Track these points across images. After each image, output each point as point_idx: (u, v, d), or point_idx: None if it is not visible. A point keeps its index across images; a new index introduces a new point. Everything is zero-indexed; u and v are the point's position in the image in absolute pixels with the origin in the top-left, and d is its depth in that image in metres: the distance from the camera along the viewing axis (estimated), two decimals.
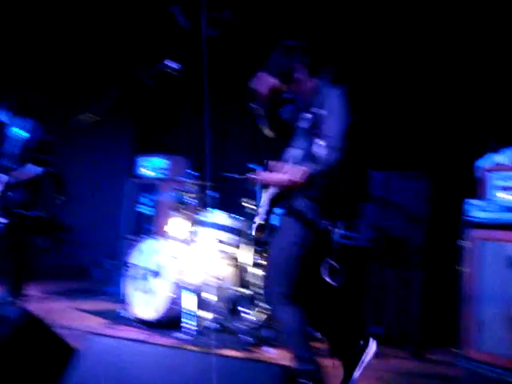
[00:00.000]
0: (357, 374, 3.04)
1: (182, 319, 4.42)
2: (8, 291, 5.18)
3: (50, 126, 5.17)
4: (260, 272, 4.67)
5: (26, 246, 5.39)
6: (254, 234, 3.11)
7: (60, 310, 4.54)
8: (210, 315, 4.52)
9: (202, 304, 4.52)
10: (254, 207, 4.58)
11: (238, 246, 4.61)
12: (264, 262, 4.69)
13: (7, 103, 5.17)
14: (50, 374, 1.84)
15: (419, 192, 4.80)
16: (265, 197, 3.10)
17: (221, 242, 4.63)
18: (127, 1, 7.23)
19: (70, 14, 7.29)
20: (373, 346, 3.17)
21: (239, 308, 4.52)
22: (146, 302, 4.64)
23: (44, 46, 7.23)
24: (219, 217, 4.70)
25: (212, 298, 4.55)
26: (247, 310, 4.46)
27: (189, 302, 4.46)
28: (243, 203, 4.72)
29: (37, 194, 5.34)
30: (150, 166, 6.59)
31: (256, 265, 4.65)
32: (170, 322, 4.60)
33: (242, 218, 4.71)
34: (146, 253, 4.80)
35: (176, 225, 5.01)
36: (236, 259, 4.63)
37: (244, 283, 4.62)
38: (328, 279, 3.96)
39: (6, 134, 5.32)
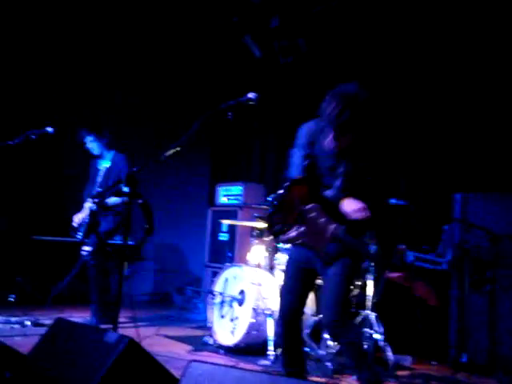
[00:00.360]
0: None
1: (268, 346, 4.44)
2: (96, 318, 5.40)
3: (136, 157, 5.44)
4: None
5: (110, 274, 5.62)
6: None
7: (146, 336, 4.66)
8: None
9: None
10: None
11: None
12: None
13: (98, 136, 5.48)
14: None
15: (506, 213, 4.65)
16: None
17: None
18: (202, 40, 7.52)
19: (157, 52, 7.67)
20: None
21: (320, 334, 4.50)
22: (230, 328, 4.71)
23: (131, 83, 7.62)
24: None
25: None
26: (328, 336, 4.44)
27: (273, 329, 4.49)
28: None
29: (122, 223, 5.58)
30: (229, 194, 6.73)
31: None
32: (254, 348, 4.64)
33: None
34: (230, 280, 4.89)
35: (257, 252, 5.09)
36: (317, 285, 4.63)
37: None
38: None
39: (95, 166, 5.64)
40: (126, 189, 3.22)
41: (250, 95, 3.39)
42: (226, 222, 5.47)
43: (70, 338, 2.29)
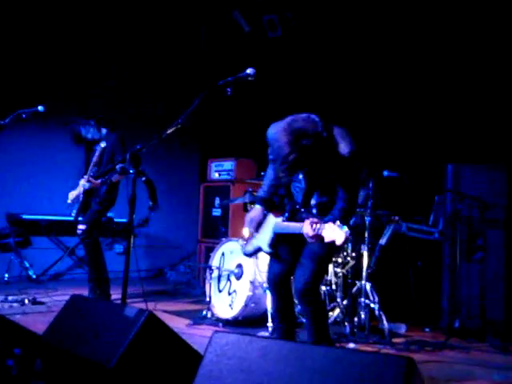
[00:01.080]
0: None
1: (269, 318, 4.53)
2: (93, 295, 5.44)
3: (134, 136, 5.44)
4: (338, 269, 4.76)
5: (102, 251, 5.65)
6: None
7: None
8: None
9: None
10: None
11: None
12: (340, 260, 4.78)
13: (94, 117, 5.47)
14: (175, 375, 1.99)
15: (495, 183, 4.76)
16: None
17: None
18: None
19: (146, 30, 7.64)
20: None
21: None
22: (228, 302, 4.79)
23: (125, 62, 7.61)
24: None
25: None
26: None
27: (270, 302, 4.57)
28: None
29: (113, 200, 5.60)
30: (221, 170, 6.77)
31: (334, 263, 4.74)
32: (252, 320, 4.74)
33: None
34: (227, 254, 4.95)
35: None
36: None
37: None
38: None
39: (93, 146, 5.63)
40: (124, 165, 3.26)
41: (249, 71, 3.40)
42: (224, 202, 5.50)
43: (88, 313, 2.33)
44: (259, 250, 3.56)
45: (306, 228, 3.00)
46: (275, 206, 3.51)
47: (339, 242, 2.85)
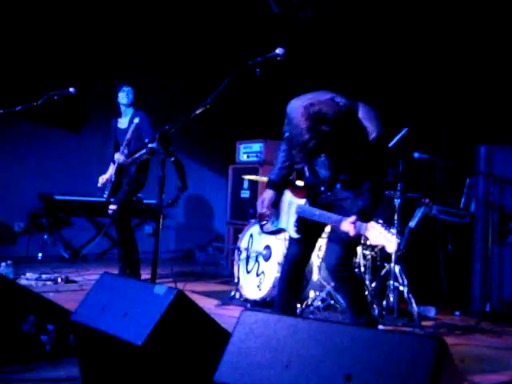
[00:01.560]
0: None
1: None
2: (123, 275, 5.50)
3: (161, 116, 5.47)
4: (367, 252, 4.73)
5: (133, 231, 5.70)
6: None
7: None
8: (316, 294, 4.64)
9: (312, 284, 4.64)
10: None
11: None
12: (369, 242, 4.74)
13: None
14: (204, 353, 2.01)
15: None
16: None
17: None
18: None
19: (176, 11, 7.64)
20: None
21: None
22: (256, 283, 4.81)
23: (153, 43, 7.65)
24: None
25: (317, 277, 4.65)
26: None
27: None
28: None
29: (144, 181, 5.62)
30: (249, 152, 6.76)
31: (362, 244, 4.71)
32: None
33: None
34: (255, 236, 4.96)
35: None
36: None
37: None
38: None
39: (115, 125, 5.66)
40: (153, 145, 3.26)
41: (278, 51, 3.34)
42: (248, 178, 5.52)
43: (118, 291, 2.36)
44: (280, 230, 3.47)
45: (347, 226, 2.84)
46: (291, 183, 3.39)
47: (390, 249, 2.72)
